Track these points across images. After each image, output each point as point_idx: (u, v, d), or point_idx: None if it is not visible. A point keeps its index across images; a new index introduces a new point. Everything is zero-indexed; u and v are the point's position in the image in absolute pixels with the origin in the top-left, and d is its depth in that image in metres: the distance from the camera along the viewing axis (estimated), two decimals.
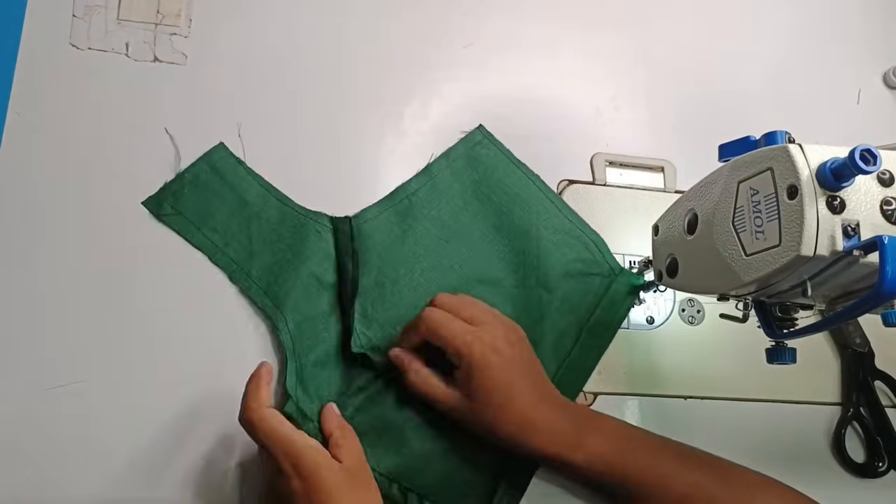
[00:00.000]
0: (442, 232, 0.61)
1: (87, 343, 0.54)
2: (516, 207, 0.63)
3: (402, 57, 0.67)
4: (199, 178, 0.58)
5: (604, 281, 0.62)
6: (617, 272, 0.62)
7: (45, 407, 0.52)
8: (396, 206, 0.61)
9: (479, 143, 0.64)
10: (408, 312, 0.57)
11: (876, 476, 0.62)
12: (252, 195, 0.59)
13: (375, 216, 0.60)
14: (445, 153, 0.64)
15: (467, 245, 0.61)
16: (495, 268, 0.61)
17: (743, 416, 0.62)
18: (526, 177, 0.64)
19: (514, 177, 0.64)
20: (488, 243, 0.62)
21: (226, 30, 0.64)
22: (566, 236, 0.63)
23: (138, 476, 0.52)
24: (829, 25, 0.78)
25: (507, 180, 0.63)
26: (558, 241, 0.62)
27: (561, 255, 0.62)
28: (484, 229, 0.62)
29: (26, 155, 0.57)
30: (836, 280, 0.43)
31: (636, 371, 0.62)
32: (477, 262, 0.61)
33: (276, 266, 0.57)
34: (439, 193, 0.62)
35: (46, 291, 0.54)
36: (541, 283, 0.61)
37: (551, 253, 0.62)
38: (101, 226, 0.57)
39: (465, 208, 0.62)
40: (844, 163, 0.40)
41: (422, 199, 0.62)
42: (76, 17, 0.61)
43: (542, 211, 0.63)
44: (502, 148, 0.65)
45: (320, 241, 0.58)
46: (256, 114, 0.62)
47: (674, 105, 0.71)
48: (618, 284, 0.62)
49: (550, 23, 0.71)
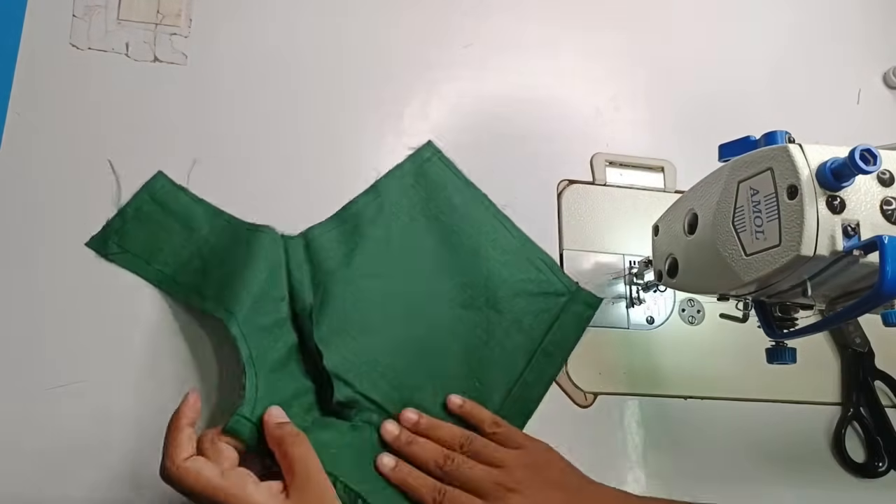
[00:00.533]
0: (389, 251, 0.60)
1: (87, 343, 0.54)
2: (465, 226, 0.61)
3: (402, 57, 0.67)
4: (142, 212, 0.57)
5: (559, 301, 0.61)
6: (573, 290, 0.62)
7: (45, 407, 0.52)
8: (344, 225, 0.60)
9: (428, 160, 0.63)
10: (353, 329, 0.56)
11: (876, 476, 0.62)
12: (198, 221, 0.57)
13: (322, 234, 0.59)
14: (393, 170, 0.63)
15: (415, 264, 0.60)
16: (444, 287, 0.60)
17: (743, 416, 0.62)
18: (474, 196, 0.63)
19: (464, 195, 0.63)
20: (437, 262, 0.60)
21: (226, 30, 0.64)
22: (515, 256, 0.62)
23: (138, 476, 0.52)
24: (829, 25, 0.78)
25: (456, 198, 0.62)
26: (507, 261, 0.61)
27: (510, 275, 0.61)
28: (432, 248, 0.61)
29: (26, 155, 0.57)
30: (836, 280, 0.43)
31: (636, 371, 0.62)
32: (425, 281, 0.60)
33: (229, 280, 0.54)
34: (387, 211, 0.61)
35: (46, 291, 0.54)
36: (490, 303, 0.60)
37: (500, 273, 0.61)
38: (100, 226, 0.57)
39: (413, 226, 0.61)
40: (844, 163, 0.40)
41: (369, 218, 0.60)
42: (76, 17, 0.61)
43: (490, 231, 0.62)
44: (451, 165, 0.64)
45: (273, 255, 0.56)
46: (256, 114, 0.62)
47: (674, 105, 0.71)
48: (575, 304, 0.61)
49: (550, 23, 0.71)
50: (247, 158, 0.60)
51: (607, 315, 0.63)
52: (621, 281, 0.64)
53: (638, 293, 0.63)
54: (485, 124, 0.66)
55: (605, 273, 0.64)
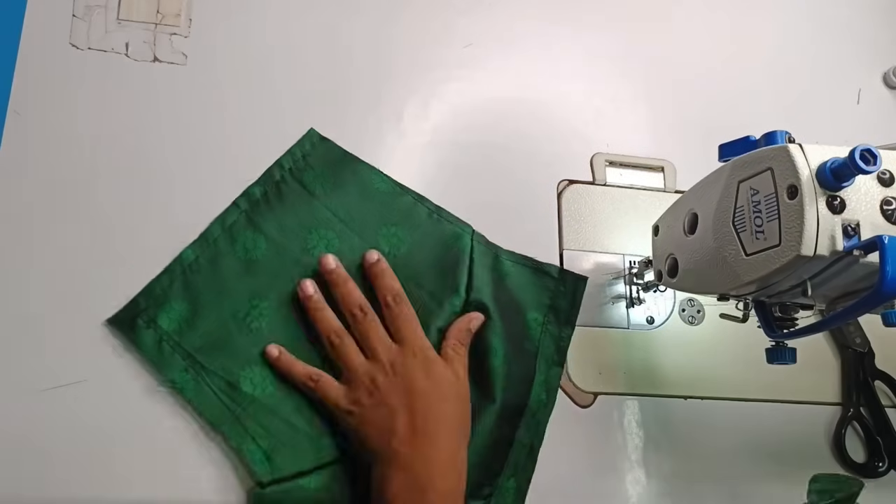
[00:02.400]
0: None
1: (88, 343, 0.54)
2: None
3: (402, 57, 0.67)
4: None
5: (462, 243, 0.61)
6: (470, 232, 0.62)
7: (45, 407, 0.52)
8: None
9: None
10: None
11: (876, 476, 0.62)
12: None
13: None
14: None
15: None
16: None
17: (743, 416, 0.62)
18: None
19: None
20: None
21: (226, 30, 0.64)
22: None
23: (138, 476, 0.52)
24: (830, 25, 0.78)
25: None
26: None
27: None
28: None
29: (26, 155, 0.57)
30: (836, 280, 0.43)
31: (636, 371, 0.62)
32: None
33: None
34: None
35: (46, 291, 0.54)
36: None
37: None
38: (100, 225, 0.57)
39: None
40: (844, 163, 0.40)
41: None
42: (76, 17, 0.61)
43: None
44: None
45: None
46: (256, 114, 0.62)
47: (674, 105, 0.71)
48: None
49: (550, 23, 0.71)
50: (247, 158, 0.60)
51: (607, 315, 0.63)
52: (621, 281, 0.64)
53: (638, 293, 0.63)
54: (485, 124, 0.66)
55: (605, 273, 0.64)
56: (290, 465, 0.52)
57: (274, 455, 0.52)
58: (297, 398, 0.54)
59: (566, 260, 0.64)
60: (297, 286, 0.56)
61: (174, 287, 0.55)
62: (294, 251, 0.58)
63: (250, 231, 0.58)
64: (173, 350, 0.53)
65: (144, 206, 0.58)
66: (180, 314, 0.54)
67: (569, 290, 0.62)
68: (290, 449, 0.53)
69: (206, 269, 0.56)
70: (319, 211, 0.60)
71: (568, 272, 0.62)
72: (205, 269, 0.56)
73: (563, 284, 0.62)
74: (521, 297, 0.61)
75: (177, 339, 0.54)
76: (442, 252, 0.60)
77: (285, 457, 0.52)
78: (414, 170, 0.63)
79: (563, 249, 0.64)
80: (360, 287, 0.56)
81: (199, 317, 0.55)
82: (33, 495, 0.50)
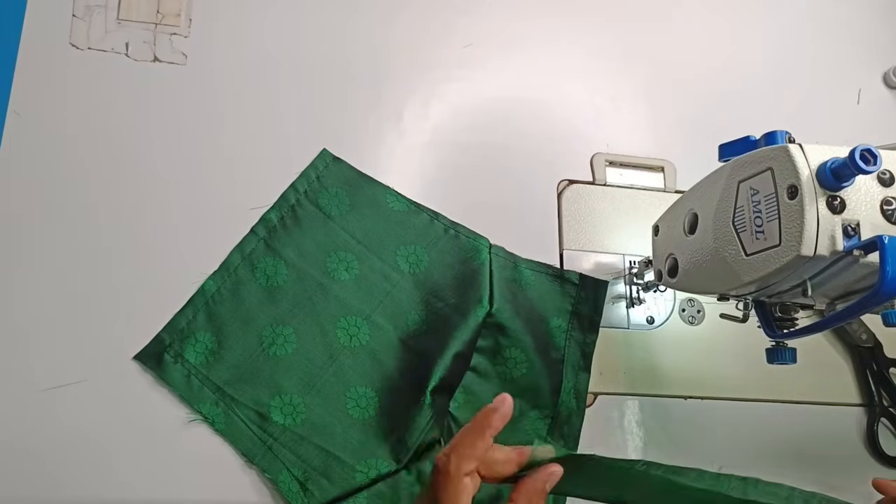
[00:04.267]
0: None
1: (88, 343, 0.54)
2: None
3: (402, 57, 0.67)
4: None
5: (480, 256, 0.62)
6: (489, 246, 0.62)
7: (45, 407, 0.52)
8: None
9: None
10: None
11: None
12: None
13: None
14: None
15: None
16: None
17: (743, 415, 0.62)
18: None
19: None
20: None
21: (226, 30, 0.64)
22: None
23: (138, 476, 0.52)
24: (830, 25, 0.78)
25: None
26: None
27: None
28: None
29: (26, 155, 0.57)
30: (836, 280, 0.43)
31: (636, 371, 0.62)
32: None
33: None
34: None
35: (46, 291, 0.54)
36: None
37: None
38: (100, 225, 0.57)
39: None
40: (844, 163, 0.40)
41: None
42: (76, 17, 0.61)
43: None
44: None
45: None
46: (256, 114, 0.62)
47: (674, 105, 0.71)
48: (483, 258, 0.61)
49: (550, 23, 0.71)
50: (247, 158, 0.60)
51: (608, 315, 0.63)
52: (621, 281, 0.64)
53: (638, 293, 0.63)
54: (485, 124, 0.66)
55: (606, 273, 0.64)
56: (325, 492, 0.52)
57: (308, 483, 0.52)
58: (328, 422, 0.54)
59: (566, 260, 0.64)
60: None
61: (198, 319, 0.55)
62: (315, 275, 0.58)
63: (270, 257, 0.58)
64: (202, 384, 0.54)
65: (144, 206, 0.58)
66: (206, 346, 0.55)
67: (590, 295, 0.62)
68: (324, 475, 0.53)
69: (228, 300, 0.56)
70: (337, 233, 0.60)
71: (588, 277, 0.62)
72: (227, 299, 0.56)
73: (584, 290, 0.62)
74: (543, 306, 0.61)
75: (205, 372, 0.54)
76: (461, 267, 0.61)
77: (320, 485, 0.52)
78: (414, 170, 0.63)
79: (563, 249, 0.64)
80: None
81: (225, 348, 0.55)
82: (33, 495, 0.50)
